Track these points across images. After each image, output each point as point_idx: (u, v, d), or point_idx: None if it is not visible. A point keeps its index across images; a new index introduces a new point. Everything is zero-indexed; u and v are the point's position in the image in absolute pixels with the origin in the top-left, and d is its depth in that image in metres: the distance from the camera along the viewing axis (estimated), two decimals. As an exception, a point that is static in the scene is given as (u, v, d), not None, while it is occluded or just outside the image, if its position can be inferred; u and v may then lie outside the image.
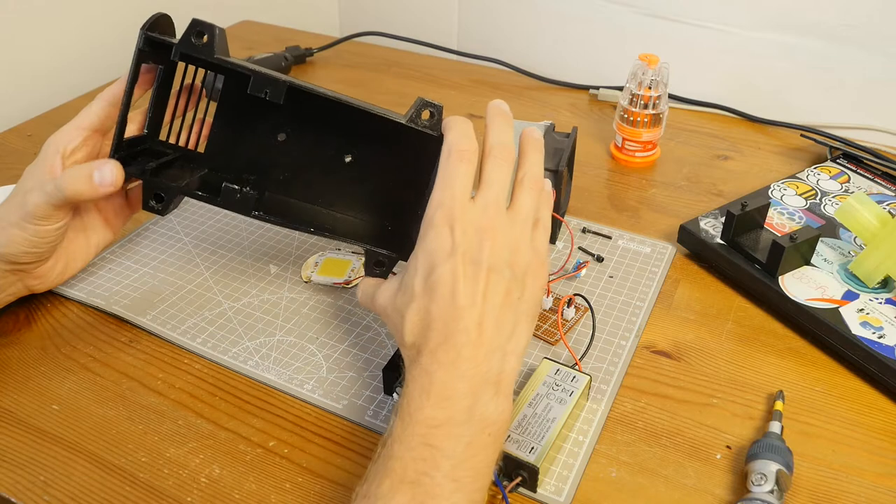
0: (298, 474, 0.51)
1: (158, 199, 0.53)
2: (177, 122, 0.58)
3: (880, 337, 0.59)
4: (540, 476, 0.49)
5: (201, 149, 0.57)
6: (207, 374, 0.59)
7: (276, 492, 0.50)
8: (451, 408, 0.43)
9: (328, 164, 0.56)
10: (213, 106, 0.57)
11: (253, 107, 0.54)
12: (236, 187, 0.52)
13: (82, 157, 0.56)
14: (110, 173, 0.51)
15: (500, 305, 0.45)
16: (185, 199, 0.54)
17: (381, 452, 0.43)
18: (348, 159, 0.56)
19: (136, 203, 0.62)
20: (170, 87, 0.58)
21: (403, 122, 0.51)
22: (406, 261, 0.51)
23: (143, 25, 0.52)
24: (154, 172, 0.53)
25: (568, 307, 0.63)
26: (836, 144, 0.85)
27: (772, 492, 0.48)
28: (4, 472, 0.51)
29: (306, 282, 0.67)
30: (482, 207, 0.46)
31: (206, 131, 0.57)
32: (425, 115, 0.51)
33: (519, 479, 0.49)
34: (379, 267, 0.53)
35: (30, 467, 0.52)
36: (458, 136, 0.48)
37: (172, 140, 0.58)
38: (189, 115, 0.58)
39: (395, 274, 0.53)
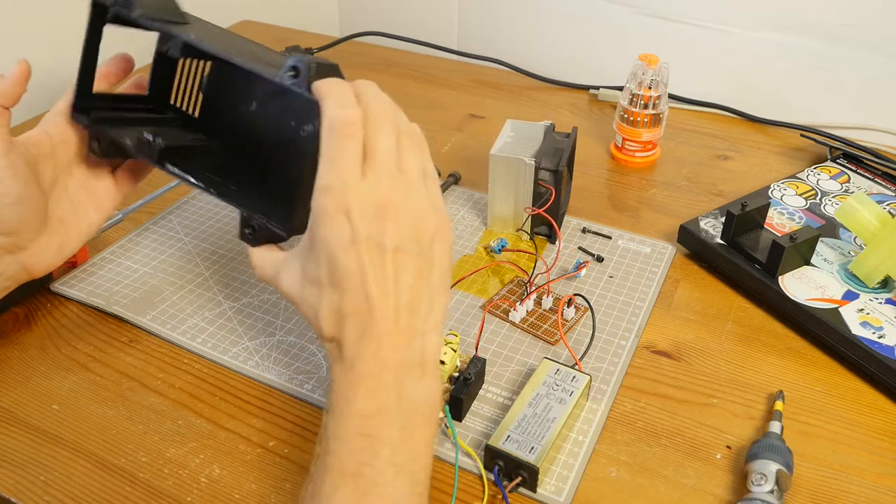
0: (298, 474, 0.51)
1: (98, 142, 0.55)
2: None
3: (880, 337, 0.59)
4: (540, 476, 0.49)
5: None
6: (207, 374, 0.59)
7: (276, 492, 0.50)
8: (381, 397, 0.42)
9: (224, 123, 0.57)
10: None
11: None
12: (149, 137, 0.53)
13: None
14: (16, 67, 0.53)
15: (412, 286, 0.43)
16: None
17: (319, 452, 0.43)
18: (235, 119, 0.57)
19: (124, 185, 0.61)
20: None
21: (273, 78, 0.46)
22: (281, 226, 0.49)
23: None
24: (108, 121, 0.56)
25: (568, 307, 0.63)
26: (836, 144, 0.85)
27: (772, 492, 0.48)
28: (4, 472, 0.51)
29: (306, 282, 0.67)
30: (375, 181, 0.42)
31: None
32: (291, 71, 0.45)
33: (519, 479, 0.49)
34: (249, 230, 0.49)
35: (30, 467, 0.52)
36: (338, 106, 0.43)
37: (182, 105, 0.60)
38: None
39: (283, 248, 0.50)
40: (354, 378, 0.42)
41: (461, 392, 0.54)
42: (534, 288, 0.65)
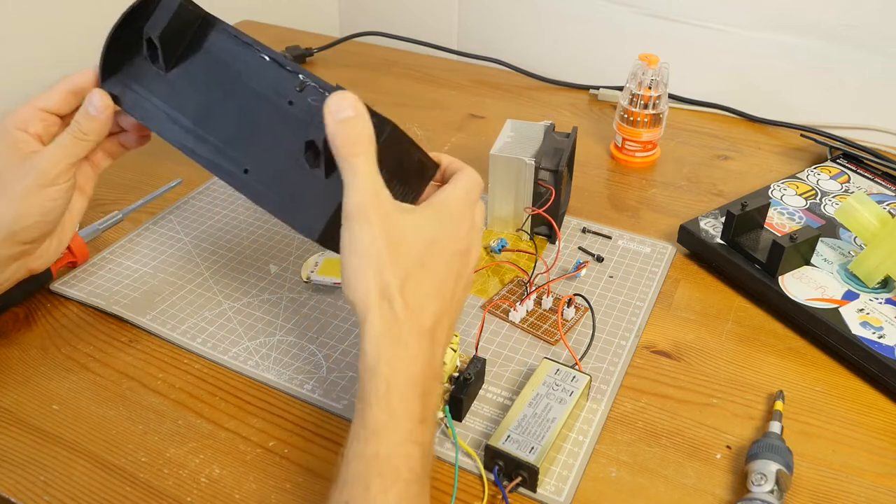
0: (298, 474, 0.51)
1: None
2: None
3: (880, 337, 0.59)
4: (540, 476, 0.49)
5: None
6: (207, 374, 0.59)
7: (276, 492, 0.50)
8: (430, 399, 0.43)
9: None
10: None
11: None
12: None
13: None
14: (98, 100, 0.53)
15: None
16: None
17: (359, 449, 0.41)
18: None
19: (99, 164, 0.59)
20: None
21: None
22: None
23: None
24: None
25: (568, 307, 0.63)
26: (836, 144, 0.85)
27: (772, 492, 0.48)
28: (4, 472, 0.51)
29: (306, 282, 0.67)
30: (480, 219, 0.50)
31: None
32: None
33: (519, 479, 0.49)
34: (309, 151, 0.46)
35: (30, 467, 0.52)
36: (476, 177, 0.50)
37: None
38: None
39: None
40: (420, 368, 0.42)
41: (461, 392, 0.54)
42: (534, 288, 0.65)
